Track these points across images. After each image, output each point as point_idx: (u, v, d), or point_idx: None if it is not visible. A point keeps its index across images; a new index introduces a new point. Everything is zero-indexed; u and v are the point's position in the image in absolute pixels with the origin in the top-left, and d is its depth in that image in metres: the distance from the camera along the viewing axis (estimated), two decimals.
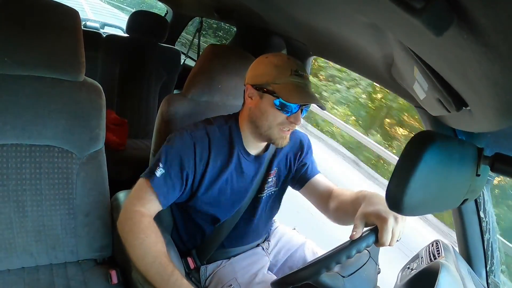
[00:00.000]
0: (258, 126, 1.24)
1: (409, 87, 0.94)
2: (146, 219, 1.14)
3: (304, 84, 1.20)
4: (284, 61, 1.22)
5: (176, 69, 2.97)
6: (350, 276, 1.01)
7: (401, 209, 0.63)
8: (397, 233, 0.95)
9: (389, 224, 0.93)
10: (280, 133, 1.23)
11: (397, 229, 0.95)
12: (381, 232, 0.93)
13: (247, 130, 1.29)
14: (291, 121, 1.20)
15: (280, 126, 1.21)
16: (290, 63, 1.21)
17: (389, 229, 0.93)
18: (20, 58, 1.24)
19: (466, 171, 0.70)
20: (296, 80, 1.18)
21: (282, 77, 1.19)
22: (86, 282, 1.37)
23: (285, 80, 1.18)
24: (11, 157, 1.26)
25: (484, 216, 1.22)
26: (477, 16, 0.39)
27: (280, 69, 1.20)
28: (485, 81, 0.51)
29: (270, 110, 1.21)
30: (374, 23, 0.78)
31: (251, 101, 1.25)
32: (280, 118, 1.20)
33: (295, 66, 1.20)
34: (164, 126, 1.50)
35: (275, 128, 1.22)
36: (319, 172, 1.48)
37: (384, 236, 0.93)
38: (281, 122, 1.21)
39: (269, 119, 1.21)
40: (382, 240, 0.93)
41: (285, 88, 1.18)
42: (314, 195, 1.45)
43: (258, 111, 1.23)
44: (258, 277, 1.33)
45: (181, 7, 3.09)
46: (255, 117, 1.25)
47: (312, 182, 1.45)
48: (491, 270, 1.26)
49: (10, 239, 1.29)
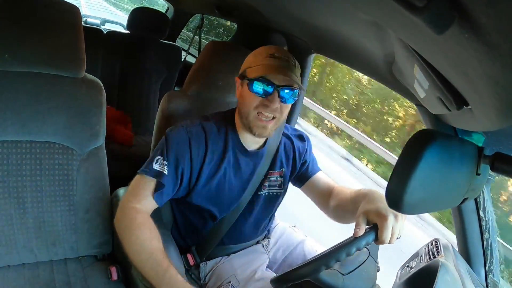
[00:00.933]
0: (241, 115, 1.25)
1: (410, 85, 0.94)
2: (141, 215, 1.14)
3: (279, 64, 1.18)
4: (263, 48, 1.22)
5: (177, 65, 2.97)
6: (349, 273, 1.01)
7: (401, 207, 0.63)
8: (397, 231, 0.95)
9: (389, 222, 0.93)
10: (256, 120, 1.22)
11: (397, 227, 0.95)
12: (381, 230, 0.93)
13: (239, 124, 1.29)
14: (266, 104, 1.19)
15: (256, 111, 1.21)
16: (268, 48, 1.21)
17: (389, 227, 0.93)
18: (20, 54, 1.24)
19: (466, 170, 0.70)
20: (270, 62, 1.17)
21: (257, 61, 1.20)
22: (86, 278, 1.38)
23: (259, 63, 1.19)
24: (11, 154, 1.26)
25: (483, 215, 1.22)
26: (478, 15, 0.39)
27: (256, 55, 1.21)
28: (486, 80, 0.51)
29: (247, 95, 1.21)
30: (375, 21, 0.78)
31: (237, 92, 1.27)
32: (256, 102, 1.20)
33: (272, 50, 1.20)
34: (164, 123, 1.50)
35: (252, 113, 1.21)
36: (319, 170, 1.48)
37: (384, 234, 0.93)
38: (257, 106, 1.20)
39: (246, 104, 1.22)
40: (382, 238, 0.93)
41: (256, 69, 1.18)
42: (314, 193, 1.45)
43: (240, 99, 1.25)
44: (258, 274, 1.33)
45: (182, 3, 3.09)
46: (239, 107, 1.27)
47: (313, 180, 1.45)
48: (490, 269, 1.26)
49: (11, 235, 1.30)
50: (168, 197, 1.23)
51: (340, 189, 1.37)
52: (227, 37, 8.41)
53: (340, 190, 1.36)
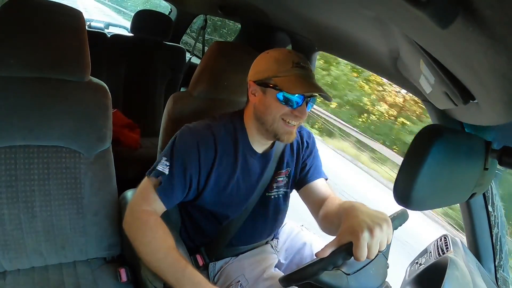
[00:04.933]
0: (264, 122, 1.24)
1: (415, 81, 0.94)
2: (153, 217, 1.14)
3: (306, 75, 1.18)
4: (285, 54, 1.21)
5: (181, 67, 2.98)
6: (355, 273, 1.00)
7: (409, 203, 0.62)
8: (375, 247, 0.91)
9: (362, 239, 0.90)
10: (285, 127, 1.21)
11: (373, 243, 0.91)
12: (355, 248, 0.90)
13: (253, 128, 1.28)
14: (296, 114, 1.19)
15: (284, 120, 1.21)
16: (292, 55, 1.20)
17: (362, 245, 0.90)
18: (25, 60, 1.25)
19: (474, 165, 0.69)
20: (298, 72, 1.17)
21: (283, 70, 1.18)
22: (95, 280, 1.38)
23: (287, 73, 1.17)
24: (19, 158, 1.27)
25: (492, 210, 1.21)
26: (482, 8, 0.39)
27: (281, 63, 1.19)
28: (492, 73, 0.50)
29: (274, 105, 1.20)
30: (379, 16, 0.78)
31: (254, 98, 1.25)
32: (283, 111, 1.19)
33: (296, 58, 1.20)
34: (170, 124, 1.51)
35: (279, 122, 1.21)
36: (321, 177, 1.44)
37: (358, 252, 0.90)
38: (284, 114, 1.20)
39: (273, 113, 1.21)
40: (357, 256, 0.90)
41: (287, 80, 1.17)
42: (308, 200, 1.41)
43: (262, 106, 1.23)
44: (266, 274, 1.32)
45: (185, 5, 3.09)
46: (259, 113, 1.24)
47: (309, 187, 1.41)
48: (500, 264, 1.25)
49: (20, 239, 1.31)
50: (177, 201, 1.23)
51: (331, 201, 1.32)
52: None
53: (331, 201, 1.32)
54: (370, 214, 0.97)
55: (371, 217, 0.94)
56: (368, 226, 0.91)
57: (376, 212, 0.99)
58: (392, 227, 0.97)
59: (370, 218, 0.94)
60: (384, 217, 0.96)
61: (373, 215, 0.96)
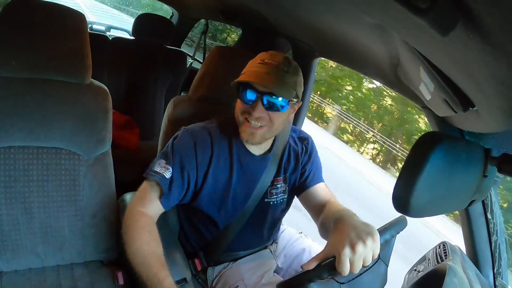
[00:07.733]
0: (237, 123, 1.26)
1: (415, 88, 0.94)
2: (144, 218, 1.14)
3: (265, 72, 1.15)
4: (261, 54, 1.21)
5: (182, 71, 2.98)
6: (349, 282, 0.99)
7: (408, 210, 0.62)
8: (358, 263, 0.90)
9: (344, 255, 0.88)
10: (245, 127, 1.21)
11: (355, 259, 0.89)
12: (337, 263, 0.89)
13: None
14: (249, 111, 1.18)
15: (243, 116, 1.21)
16: (263, 54, 1.20)
17: (343, 261, 0.88)
18: (26, 61, 1.25)
19: (473, 172, 0.69)
20: (257, 68, 1.16)
21: (248, 66, 1.20)
22: (92, 283, 1.38)
23: (248, 69, 1.19)
24: (18, 159, 1.27)
25: (491, 218, 1.21)
26: (482, 15, 0.39)
27: (252, 61, 1.21)
28: (492, 81, 0.50)
29: (238, 103, 1.23)
30: (380, 23, 0.78)
31: None
32: (242, 108, 1.21)
33: (265, 55, 1.18)
34: (170, 128, 1.51)
35: (239, 118, 1.22)
36: (321, 181, 1.43)
37: (340, 267, 0.89)
38: (246, 115, 1.20)
39: (237, 112, 1.23)
40: (339, 270, 0.89)
41: (244, 75, 1.18)
42: (308, 205, 1.40)
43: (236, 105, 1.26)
44: (265, 279, 1.32)
45: (186, 9, 3.10)
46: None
47: (310, 192, 1.40)
48: (499, 272, 1.25)
49: (17, 240, 1.30)
50: (175, 202, 1.23)
51: (330, 206, 1.30)
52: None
53: (329, 207, 1.30)
54: (356, 228, 0.94)
55: (357, 231, 0.93)
56: (351, 241, 0.90)
57: (364, 225, 0.96)
58: (390, 235, 0.96)
59: (356, 232, 0.92)
60: (370, 231, 0.93)
61: (359, 229, 0.94)
